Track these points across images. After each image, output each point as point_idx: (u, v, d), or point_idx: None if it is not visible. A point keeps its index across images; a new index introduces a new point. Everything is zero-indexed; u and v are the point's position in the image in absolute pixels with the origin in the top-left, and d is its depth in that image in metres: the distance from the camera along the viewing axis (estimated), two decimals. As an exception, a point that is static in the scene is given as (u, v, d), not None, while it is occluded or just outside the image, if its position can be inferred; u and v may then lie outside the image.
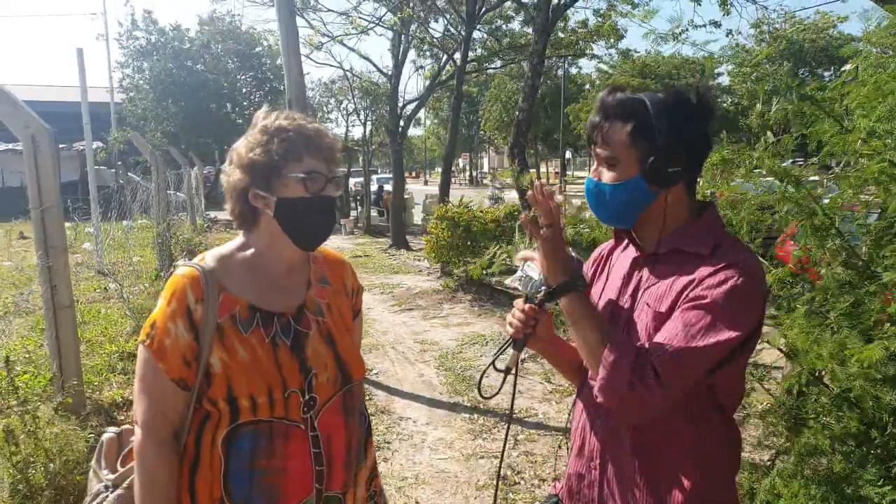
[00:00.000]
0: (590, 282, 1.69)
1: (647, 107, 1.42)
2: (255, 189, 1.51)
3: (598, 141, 1.48)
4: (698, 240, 1.45)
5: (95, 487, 1.64)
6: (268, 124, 1.53)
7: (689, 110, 1.44)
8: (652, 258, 1.51)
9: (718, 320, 1.33)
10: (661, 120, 1.41)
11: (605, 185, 1.48)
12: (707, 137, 1.48)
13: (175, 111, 26.90)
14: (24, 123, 3.86)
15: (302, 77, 6.82)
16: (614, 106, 1.45)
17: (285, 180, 1.49)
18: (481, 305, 8.86)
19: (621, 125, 1.43)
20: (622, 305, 1.53)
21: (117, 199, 10.39)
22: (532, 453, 4.35)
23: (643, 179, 1.43)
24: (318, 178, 1.52)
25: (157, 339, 1.47)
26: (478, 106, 46.49)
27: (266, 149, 1.49)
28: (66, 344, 4.11)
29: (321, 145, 1.54)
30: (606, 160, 1.47)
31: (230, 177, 1.55)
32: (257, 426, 1.47)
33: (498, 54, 18.00)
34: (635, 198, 1.46)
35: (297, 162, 1.50)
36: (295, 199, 1.50)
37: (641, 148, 1.42)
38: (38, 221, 3.96)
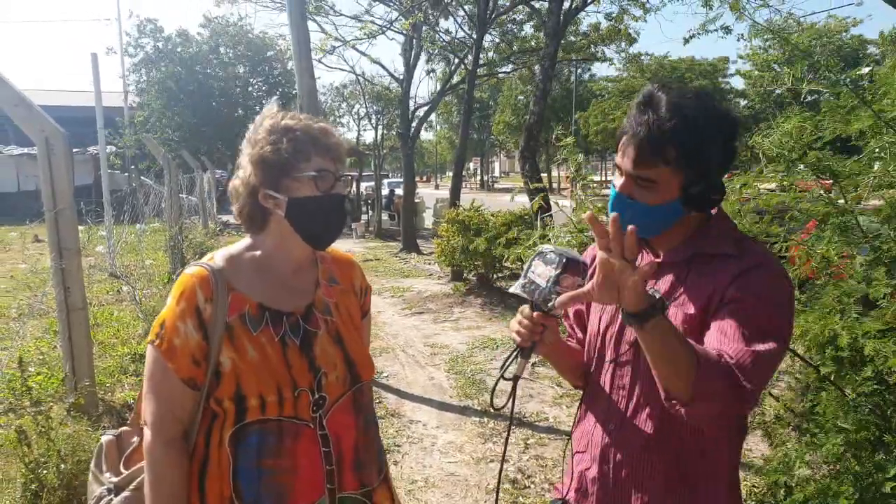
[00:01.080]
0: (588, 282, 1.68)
1: (699, 129, 1.34)
2: (264, 189, 1.50)
3: (634, 155, 1.38)
4: (719, 241, 1.44)
5: (97, 491, 1.63)
6: (274, 124, 1.52)
7: (731, 129, 1.39)
8: (672, 264, 1.48)
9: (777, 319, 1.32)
10: (707, 143, 1.35)
11: (640, 205, 1.40)
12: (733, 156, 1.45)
13: (185, 116, 27.05)
14: (39, 127, 3.89)
15: (314, 81, 6.84)
16: (660, 124, 1.34)
17: (295, 179, 1.49)
18: (492, 309, 8.84)
19: (668, 147, 1.34)
20: None
21: (130, 203, 10.47)
22: (542, 457, 4.33)
23: (680, 203, 1.39)
24: (327, 177, 1.51)
25: (166, 338, 1.46)
26: (488, 110, 46.56)
27: (275, 148, 1.48)
28: (78, 345, 4.15)
29: (328, 144, 1.53)
30: (641, 179, 1.38)
31: (237, 178, 1.55)
32: (265, 425, 1.46)
33: (509, 58, 18.01)
34: (668, 218, 1.43)
35: (307, 161, 1.49)
36: (306, 198, 1.50)
37: (685, 172, 1.36)
38: (52, 224, 3.99)
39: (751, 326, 1.29)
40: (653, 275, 1.49)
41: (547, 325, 1.51)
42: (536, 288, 1.48)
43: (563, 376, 1.80)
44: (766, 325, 1.30)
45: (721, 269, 1.39)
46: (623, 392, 1.51)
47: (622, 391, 1.51)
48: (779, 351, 1.31)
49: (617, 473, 1.51)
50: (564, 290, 1.44)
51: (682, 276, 1.46)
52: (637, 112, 1.39)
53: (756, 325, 1.29)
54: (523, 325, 1.51)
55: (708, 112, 1.36)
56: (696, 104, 1.37)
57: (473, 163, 60.92)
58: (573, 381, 1.75)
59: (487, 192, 47.04)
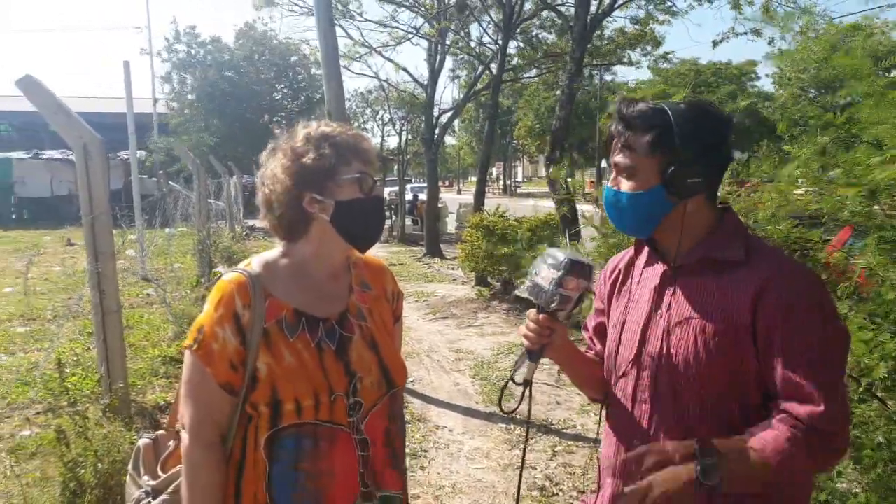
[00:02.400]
0: (609, 294, 1.68)
1: (669, 116, 1.42)
2: (310, 194, 1.53)
3: (617, 150, 1.48)
4: (728, 246, 1.44)
5: (136, 494, 1.65)
6: (311, 132, 1.56)
7: (710, 120, 1.45)
8: (683, 270, 1.49)
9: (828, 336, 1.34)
10: (682, 130, 1.40)
11: (623, 193, 1.47)
12: (728, 149, 1.49)
13: (216, 122, 27.42)
14: (78, 133, 3.97)
15: (341, 87, 6.91)
16: (635, 115, 1.45)
17: (339, 182, 1.53)
18: (516, 315, 8.83)
19: (642, 134, 1.43)
20: (656, 320, 1.50)
21: (161, 207, 10.63)
22: (570, 465, 4.32)
23: (663, 189, 1.43)
24: (368, 179, 1.56)
25: (204, 343, 1.49)
26: (511, 115, 46.46)
27: (318, 154, 1.52)
28: (113, 348, 4.21)
29: (364, 149, 1.58)
30: (625, 169, 1.47)
31: (275, 186, 1.55)
32: (301, 428, 1.48)
33: (534, 63, 17.99)
34: (654, 207, 1.45)
35: (348, 165, 1.54)
36: (352, 200, 1.53)
37: (662, 157, 1.42)
38: (89, 228, 4.07)
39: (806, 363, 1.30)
40: (667, 281, 1.51)
41: (554, 328, 1.54)
42: (541, 290, 1.51)
43: (579, 388, 1.80)
44: (820, 352, 1.32)
45: (738, 279, 1.40)
46: (645, 406, 1.50)
47: (644, 405, 1.50)
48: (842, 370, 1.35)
49: None
50: (569, 293, 1.48)
51: (693, 284, 1.46)
52: (617, 111, 1.49)
53: (810, 358, 1.31)
54: (530, 328, 1.55)
55: (689, 104, 1.46)
56: (672, 102, 1.47)
57: (496, 168, 60.78)
58: (591, 393, 1.76)
59: (510, 196, 46.94)
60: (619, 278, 1.67)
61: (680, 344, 1.43)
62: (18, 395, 5.00)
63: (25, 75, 3.85)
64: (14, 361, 5.94)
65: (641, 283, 1.58)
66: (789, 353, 1.32)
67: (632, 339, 1.54)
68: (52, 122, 3.97)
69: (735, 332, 1.38)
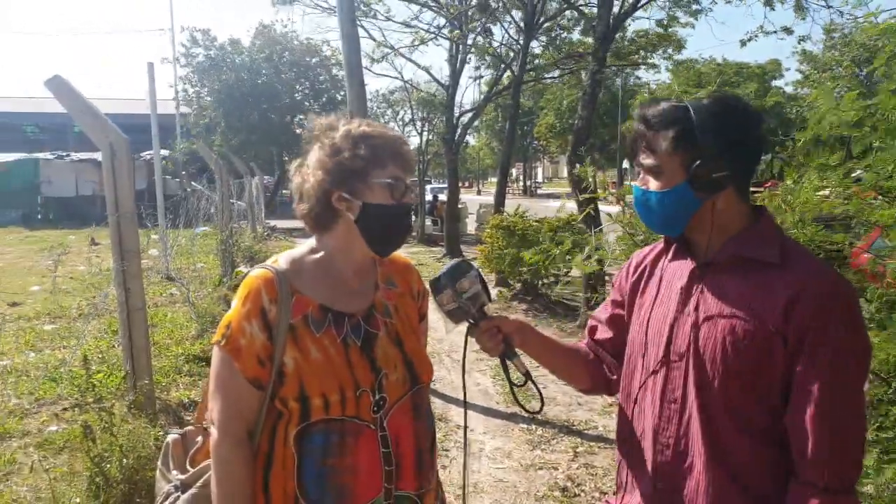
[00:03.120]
0: (631, 289, 1.67)
1: (690, 113, 1.41)
2: (340, 191, 1.53)
3: (641, 151, 1.48)
4: (761, 246, 1.42)
5: (165, 488, 1.67)
6: (351, 130, 1.56)
7: (733, 114, 1.43)
8: (712, 267, 1.47)
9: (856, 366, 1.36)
10: (704, 125, 1.40)
11: (651, 192, 1.47)
12: (756, 141, 1.47)
13: (235, 123, 27.64)
14: (104, 133, 4.03)
15: (363, 88, 6.92)
16: (656, 115, 1.45)
17: (371, 185, 1.53)
18: (537, 315, 8.80)
19: (664, 133, 1.43)
20: (684, 318, 1.48)
21: (184, 207, 10.74)
22: (592, 465, 4.30)
23: (689, 186, 1.42)
24: (400, 185, 1.55)
25: (232, 339, 1.49)
26: (532, 115, 46.37)
27: (354, 153, 1.52)
28: (138, 345, 4.26)
29: (403, 153, 1.57)
30: (651, 169, 1.47)
31: (310, 178, 1.56)
32: (329, 424, 1.48)
33: (556, 64, 17.92)
34: (682, 205, 1.44)
35: (382, 168, 1.53)
36: (379, 205, 1.53)
37: (685, 154, 1.41)
38: (115, 227, 4.12)
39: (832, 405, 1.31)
40: (695, 278, 1.50)
41: (494, 324, 1.60)
42: (457, 311, 1.59)
43: (563, 379, 1.83)
44: (843, 367, 1.33)
45: (771, 282, 1.38)
46: (675, 406, 1.47)
47: (673, 405, 1.48)
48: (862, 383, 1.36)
49: (669, 491, 1.48)
50: (472, 290, 1.57)
51: (722, 282, 1.45)
52: (639, 112, 1.50)
53: (834, 402, 1.31)
54: (480, 341, 1.61)
55: (710, 100, 1.45)
56: (694, 100, 1.46)
57: (516, 168, 60.64)
58: (577, 383, 1.78)
59: (531, 197, 46.80)
60: (643, 274, 1.65)
61: (708, 342, 1.41)
62: (46, 392, 5.08)
63: (54, 76, 3.91)
64: (42, 358, 6.04)
65: (669, 280, 1.56)
66: (815, 364, 1.32)
67: (659, 337, 1.52)
68: (79, 122, 4.03)
69: (765, 334, 1.36)
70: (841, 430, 1.32)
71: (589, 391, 1.80)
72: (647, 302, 1.59)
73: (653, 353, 1.53)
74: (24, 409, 4.81)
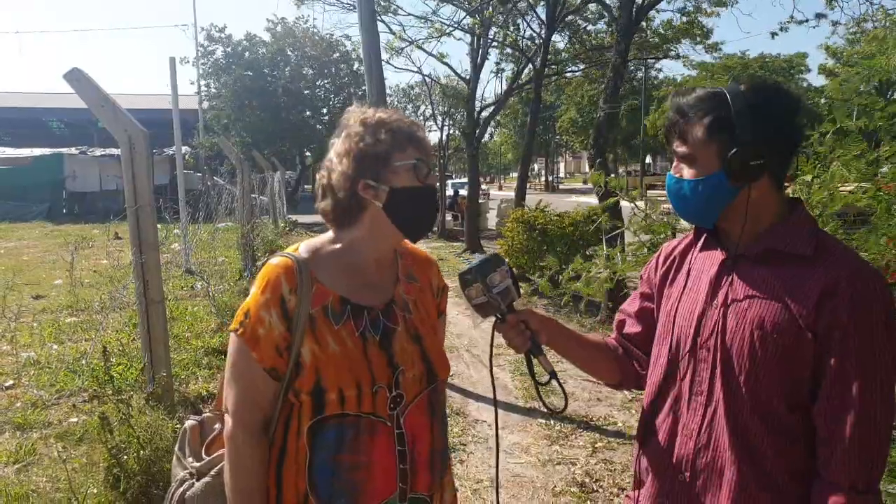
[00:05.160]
0: (660, 281, 1.64)
1: (727, 100, 1.37)
2: (364, 180, 1.50)
3: (675, 138, 1.45)
4: (795, 239, 1.39)
5: (181, 474, 1.66)
6: (367, 118, 1.53)
7: (772, 101, 1.39)
8: (743, 260, 1.43)
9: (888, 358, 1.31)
10: (740, 112, 1.36)
11: (685, 181, 1.44)
12: (793, 130, 1.42)
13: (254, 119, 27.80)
14: (123, 127, 4.05)
15: (383, 83, 6.92)
16: (691, 102, 1.42)
17: (395, 169, 1.50)
18: (557, 310, 8.72)
19: (699, 120, 1.40)
20: (712, 310, 1.45)
21: (204, 201, 10.81)
22: (611, 461, 4.24)
23: (724, 175, 1.38)
24: (423, 167, 1.52)
25: (250, 327, 1.46)
26: (554, 110, 46.11)
27: (374, 139, 1.49)
28: (156, 337, 4.28)
29: (420, 137, 1.55)
30: (685, 157, 1.44)
31: (334, 171, 1.54)
32: (343, 419, 1.45)
33: (578, 57, 17.76)
34: (717, 194, 1.41)
35: (403, 152, 1.51)
36: (407, 187, 1.50)
37: (721, 142, 1.37)
38: (133, 219, 4.14)
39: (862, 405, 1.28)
40: (724, 269, 1.47)
41: (521, 318, 1.55)
42: (486, 306, 1.54)
43: (588, 373, 1.78)
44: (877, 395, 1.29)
45: (798, 271, 1.35)
46: (700, 399, 1.44)
47: (699, 398, 1.45)
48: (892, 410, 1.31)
49: (692, 483, 1.45)
50: (502, 285, 1.52)
51: (753, 274, 1.41)
52: (674, 100, 1.47)
53: (864, 402, 1.28)
54: (507, 336, 1.56)
55: (747, 86, 1.40)
56: (730, 85, 1.42)
57: (538, 163, 60.40)
58: (605, 378, 1.74)
59: (552, 192, 46.56)
60: (673, 265, 1.62)
61: (735, 335, 1.39)
62: (66, 384, 5.14)
63: (73, 69, 3.93)
64: (63, 350, 6.11)
65: (698, 271, 1.53)
66: (846, 362, 1.29)
67: (686, 328, 1.49)
68: (98, 115, 4.05)
69: (795, 328, 1.33)
70: (870, 431, 1.29)
71: (618, 386, 1.77)
72: (676, 293, 1.57)
73: (680, 344, 1.51)
74: (45, 401, 4.86)
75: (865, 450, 1.28)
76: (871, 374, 1.29)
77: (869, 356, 1.29)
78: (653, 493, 1.54)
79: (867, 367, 1.28)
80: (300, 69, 29.98)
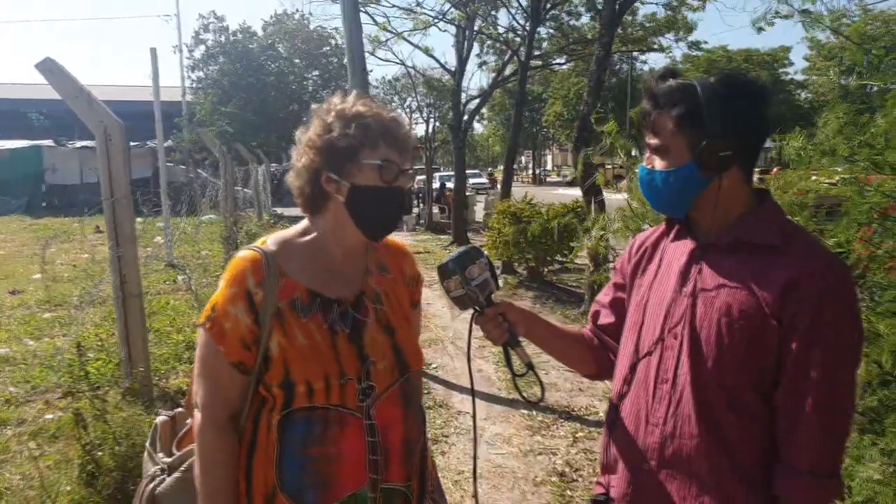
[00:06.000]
0: (632, 271, 1.64)
1: (697, 91, 1.38)
2: (328, 172, 1.49)
3: (647, 130, 1.46)
4: (764, 229, 1.40)
5: (151, 470, 1.65)
6: (345, 108, 1.51)
7: (740, 93, 1.40)
8: (713, 249, 1.45)
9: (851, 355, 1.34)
10: (710, 104, 1.37)
11: (656, 172, 1.45)
12: (763, 122, 1.43)
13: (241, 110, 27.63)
14: (98, 118, 3.99)
15: (366, 75, 6.89)
16: (663, 93, 1.42)
17: (360, 166, 1.47)
18: (543, 303, 8.74)
19: (669, 111, 1.41)
20: (681, 299, 1.46)
21: (187, 194, 10.72)
22: (591, 451, 4.26)
23: (695, 166, 1.39)
24: (392, 168, 1.49)
25: (217, 321, 1.46)
26: (540, 103, 46.12)
27: (343, 133, 1.47)
28: (134, 331, 4.23)
29: (397, 135, 1.51)
30: (657, 149, 1.45)
31: (301, 158, 1.52)
32: (312, 412, 1.44)
33: (563, 50, 17.74)
34: (688, 184, 1.42)
35: (374, 149, 1.48)
36: (368, 187, 1.48)
37: (691, 134, 1.39)
38: (110, 212, 4.08)
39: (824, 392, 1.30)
40: (694, 259, 1.48)
41: (500, 311, 1.56)
42: (465, 298, 1.55)
43: (566, 364, 1.80)
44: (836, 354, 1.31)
45: (766, 261, 1.36)
46: (666, 387, 1.45)
47: (665, 385, 1.46)
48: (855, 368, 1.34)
49: (657, 471, 1.46)
50: (480, 277, 1.53)
51: (722, 264, 1.42)
52: (648, 89, 1.47)
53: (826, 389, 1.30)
54: (485, 328, 1.57)
55: (717, 78, 1.41)
56: (700, 77, 1.44)
57: (525, 156, 60.37)
58: (581, 368, 1.75)
59: (539, 185, 46.62)
60: (645, 255, 1.63)
61: (703, 322, 1.40)
62: (41, 380, 5.07)
63: (46, 58, 3.85)
64: (39, 346, 6.04)
65: (668, 261, 1.54)
66: (810, 349, 1.31)
67: (656, 317, 1.50)
68: (72, 106, 3.98)
69: (761, 315, 1.34)
70: (831, 418, 1.31)
71: (595, 376, 1.78)
72: (647, 283, 1.58)
73: (649, 333, 1.52)
74: (19, 398, 4.80)
75: (826, 435, 1.30)
76: (834, 362, 1.30)
77: (833, 345, 1.30)
78: (621, 481, 1.55)
79: (830, 356, 1.30)
80: (290, 62, 29.82)
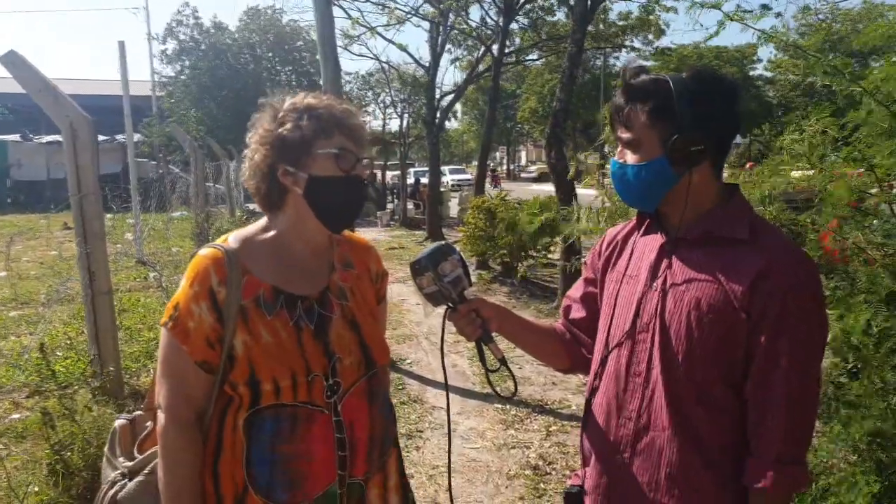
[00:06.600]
0: (603, 266, 1.66)
1: (670, 86, 1.40)
2: (284, 165, 1.48)
3: (619, 125, 1.47)
4: (733, 223, 1.42)
5: (111, 476, 1.61)
6: (296, 102, 1.51)
7: (711, 89, 1.42)
8: (682, 243, 1.46)
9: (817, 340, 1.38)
10: (682, 99, 1.38)
11: (628, 166, 1.46)
12: (732, 117, 1.45)
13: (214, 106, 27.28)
14: (64, 113, 3.92)
15: (338, 68, 6.81)
16: (636, 88, 1.44)
17: (316, 157, 1.47)
18: (517, 298, 8.78)
19: (642, 106, 1.42)
20: (652, 293, 1.47)
21: (157, 189, 10.58)
22: (564, 444, 4.29)
23: (666, 160, 1.40)
24: (349, 156, 1.49)
25: (179, 321, 1.44)
26: (515, 99, 46.19)
27: (296, 125, 1.46)
28: (104, 329, 4.17)
29: (351, 125, 1.51)
30: (628, 143, 1.46)
31: (255, 154, 1.51)
32: (279, 410, 1.44)
33: (536, 45, 17.79)
34: (659, 179, 1.43)
35: (328, 139, 1.47)
36: (326, 177, 1.47)
37: (662, 128, 1.40)
38: (77, 209, 4.02)
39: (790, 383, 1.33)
40: (664, 253, 1.50)
41: (472, 307, 1.55)
42: (437, 295, 1.54)
43: (539, 359, 1.82)
44: (805, 347, 1.34)
45: (734, 254, 1.39)
46: (638, 380, 1.47)
47: (637, 378, 1.47)
48: (819, 360, 1.39)
49: (630, 463, 1.47)
50: (453, 274, 1.51)
51: (691, 258, 1.44)
52: (622, 81, 1.49)
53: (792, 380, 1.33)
54: (458, 325, 1.56)
55: (689, 73, 1.43)
56: (673, 73, 1.45)
57: (500, 152, 60.47)
58: (554, 363, 1.77)
59: (514, 181, 46.73)
60: (615, 250, 1.65)
61: (673, 316, 1.42)
62: (7, 379, 4.97)
63: (9, 51, 3.78)
64: (6, 345, 5.92)
65: (639, 255, 1.56)
66: (777, 341, 1.33)
67: (626, 310, 1.52)
68: (37, 100, 3.90)
69: (730, 309, 1.36)
70: (797, 408, 1.33)
71: (568, 370, 1.79)
72: (617, 277, 1.59)
73: (618, 327, 1.53)
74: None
75: (792, 425, 1.33)
76: (801, 354, 1.33)
77: (800, 337, 1.33)
78: (594, 472, 1.56)
79: (798, 348, 1.32)
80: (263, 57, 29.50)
